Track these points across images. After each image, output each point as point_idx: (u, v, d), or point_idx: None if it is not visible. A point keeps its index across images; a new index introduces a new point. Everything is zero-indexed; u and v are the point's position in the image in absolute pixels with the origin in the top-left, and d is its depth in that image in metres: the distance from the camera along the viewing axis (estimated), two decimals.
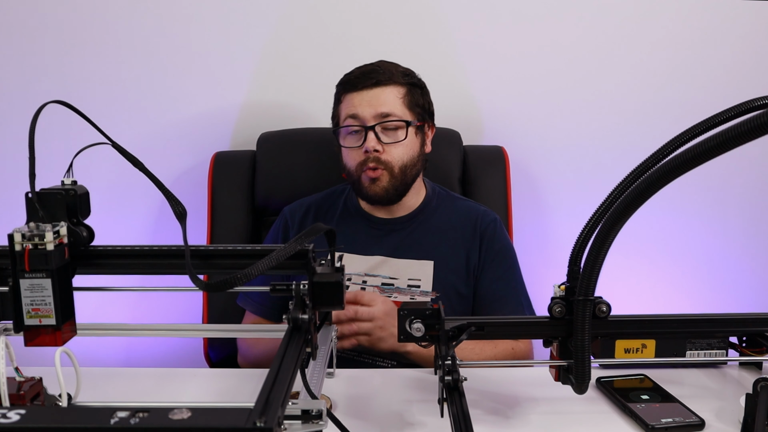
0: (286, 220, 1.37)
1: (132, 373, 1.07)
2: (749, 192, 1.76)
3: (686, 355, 1.05)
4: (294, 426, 0.60)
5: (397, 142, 1.26)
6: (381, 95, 1.26)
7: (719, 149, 0.51)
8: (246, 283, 0.59)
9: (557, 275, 0.83)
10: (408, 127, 1.27)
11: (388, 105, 1.25)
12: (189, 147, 1.66)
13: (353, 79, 1.28)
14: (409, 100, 1.28)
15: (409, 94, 1.28)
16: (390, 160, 1.26)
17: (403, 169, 1.27)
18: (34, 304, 0.65)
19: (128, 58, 1.61)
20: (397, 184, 1.28)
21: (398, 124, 1.26)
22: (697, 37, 1.67)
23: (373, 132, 1.25)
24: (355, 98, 1.26)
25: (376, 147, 1.24)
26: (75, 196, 0.69)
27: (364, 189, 1.28)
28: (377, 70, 1.28)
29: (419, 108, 1.30)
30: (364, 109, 1.25)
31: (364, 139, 1.25)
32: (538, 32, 1.65)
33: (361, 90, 1.26)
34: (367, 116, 1.25)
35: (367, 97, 1.26)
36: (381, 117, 1.25)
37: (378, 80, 1.26)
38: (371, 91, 1.26)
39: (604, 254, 0.69)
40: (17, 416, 0.45)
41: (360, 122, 1.26)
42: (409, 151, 1.28)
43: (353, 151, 1.28)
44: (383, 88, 1.26)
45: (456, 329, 0.83)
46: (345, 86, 1.30)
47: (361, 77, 1.27)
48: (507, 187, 1.53)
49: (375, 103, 1.25)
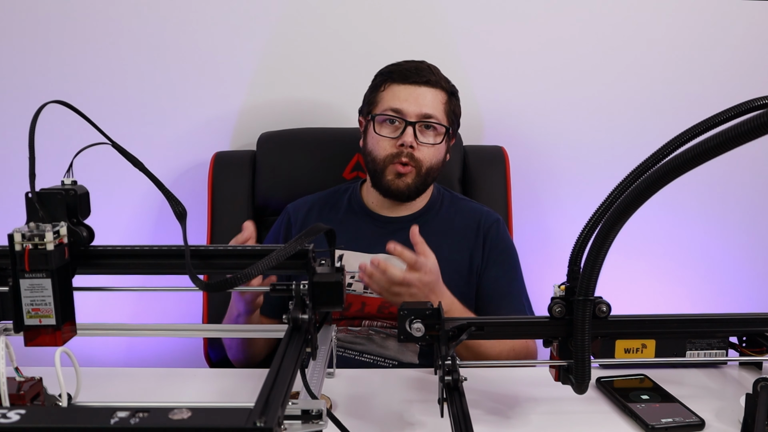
0: (289, 217, 1.38)
1: (132, 373, 1.07)
2: (749, 192, 1.76)
3: (686, 355, 1.05)
4: (294, 426, 0.60)
5: (433, 144, 1.28)
6: (428, 95, 1.28)
7: (719, 149, 0.51)
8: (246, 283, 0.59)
9: (557, 275, 0.83)
10: (446, 133, 1.29)
11: (432, 107, 1.27)
12: (189, 147, 1.66)
13: (404, 72, 1.29)
14: (448, 108, 1.31)
15: (449, 102, 1.31)
16: (421, 159, 1.28)
17: (429, 171, 1.29)
18: (34, 304, 0.65)
19: (128, 59, 1.61)
20: (419, 184, 1.29)
21: (438, 127, 1.28)
22: (697, 36, 1.67)
23: (413, 128, 1.26)
24: (402, 91, 1.28)
25: (413, 143, 1.26)
26: (75, 196, 0.69)
27: (386, 181, 1.29)
28: (429, 70, 1.30)
29: (454, 117, 1.33)
30: (409, 104, 1.26)
31: (401, 132, 1.26)
32: (538, 32, 1.65)
33: (410, 84, 1.28)
34: (411, 112, 1.26)
35: (414, 94, 1.27)
36: (424, 117, 1.27)
37: (428, 80, 1.28)
38: (420, 88, 1.27)
39: (604, 254, 0.69)
40: (17, 416, 0.45)
41: (402, 116, 1.27)
42: (438, 155, 1.30)
43: (385, 141, 1.28)
44: (431, 89, 1.28)
45: (456, 329, 0.83)
46: (393, 76, 1.30)
47: (413, 72, 1.28)
48: (507, 187, 1.53)
49: (421, 102, 1.27)
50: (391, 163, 1.28)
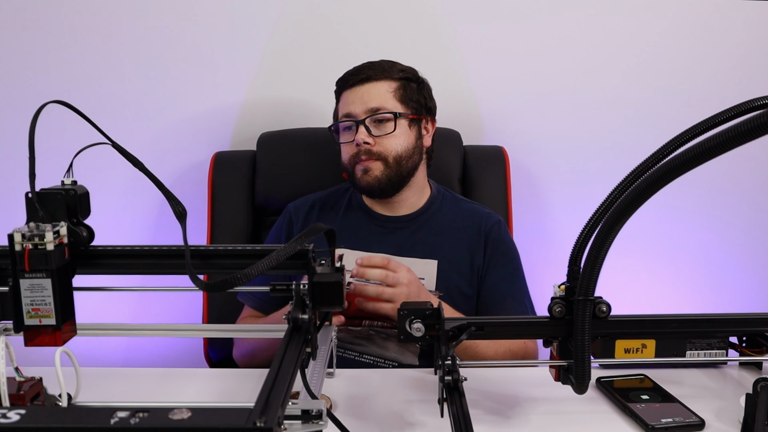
0: (290, 216, 1.38)
1: (132, 373, 1.07)
2: (749, 192, 1.76)
3: (686, 355, 1.05)
4: (294, 426, 0.60)
5: (388, 134, 1.28)
6: (371, 90, 1.29)
7: (719, 149, 0.51)
8: (246, 283, 0.59)
9: (557, 275, 0.83)
10: (397, 119, 1.29)
11: (378, 99, 1.28)
12: (189, 147, 1.66)
13: (346, 77, 1.33)
14: (402, 94, 1.31)
15: (402, 89, 1.31)
16: (382, 151, 1.28)
17: (398, 159, 1.29)
18: (34, 304, 0.65)
19: (128, 58, 1.61)
20: (392, 175, 1.29)
21: (387, 116, 1.29)
22: (697, 36, 1.67)
23: (364, 125, 1.28)
24: (349, 96, 1.31)
25: (366, 140, 1.27)
26: (75, 196, 0.69)
27: (357, 180, 1.31)
28: (370, 67, 1.31)
29: (413, 102, 1.32)
30: (356, 105, 1.29)
31: (356, 133, 1.28)
32: (538, 32, 1.65)
33: (353, 87, 1.31)
34: (359, 111, 1.28)
35: (359, 94, 1.29)
36: (371, 111, 1.28)
37: (368, 76, 1.30)
38: (362, 87, 1.30)
39: (604, 254, 0.69)
40: (17, 416, 0.45)
41: (352, 118, 1.29)
42: (402, 142, 1.30)
43: (347, 146, 1.31)
44: (373, 83, 1.30)
45: (456, 329, 0.83)
46: (339, 85, 1.35)
47: (353, 74, 1.31)
48: (507, 187, 1.53)
49: (366, 99, 1.29)
50: (355, 163, 1.29)
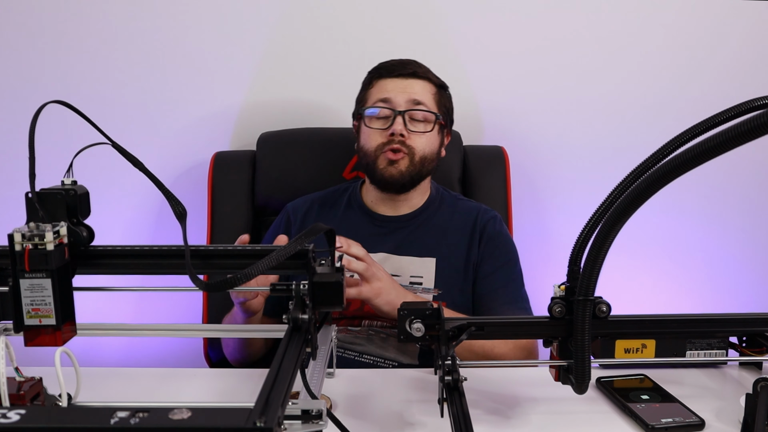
0: (289, 215, 1.38)
1: (132, 373, 1.07)
2: (749, 192, 1.76)
3: (686, 355, 1.05)
4: (294, 426, 0.60)
5: (423, 132, 1.28)
6: (415, 85, 1.29)
7: (719, 149, 0.51)
8: (246, 283, 0.59)
9: (557, 275, 0.83)
10: (436, 121, 1.29)
11: (421, 95, 1.29)
12: (189, 147, 1.66)
13: (390, 66, 1.32)
14: (438, 99, 1.32)
15: (439, 94, 1.32)
16: (413, 146, 1.28)
17: (423, 159, 1.29)
18: (34, 304, 0.65)
19: (128, 58, 1.61)
20: (414, 172, 1.29)
21: (427, 115, 1.29)
22: (697, 37, 1.67)
23: (402, 117, 1.27)
24: (389, 84, 1.30)
25: (403, 131, 1.26)
26: (75, 196, 0.69)
27: (379, 170, 1.29)
28: (415, 63, 1.32)
29: (445, 109, 1.34)
30: (397, 94, 1.28)
31: (391, 123, 1.27)
32: (538, 32, 1.65)
33: (397, 77, 1.30)
34: (400, 101, 1.27)
35: (402, 85, 1.29)
36: (413, 104, 1.28)
37: (415, 71, 1.30)
38: (407, 80, 1.29)
39: (604, 254, 0.69)
40: (17, 416, 0.45)
41: (391, 106, 1.28)
42: (430, 144, 1.30)
43: (376, 133, 1.29)
44: (418, 80, 1.30)
45: (456, 329, 0.83)
46: (380, 72, 1.33)
47: (399, 66, 1.31)
48: (507, 187, 1.53)
49: (409, 91, 1.28)
50: (382, 151, 1.28)
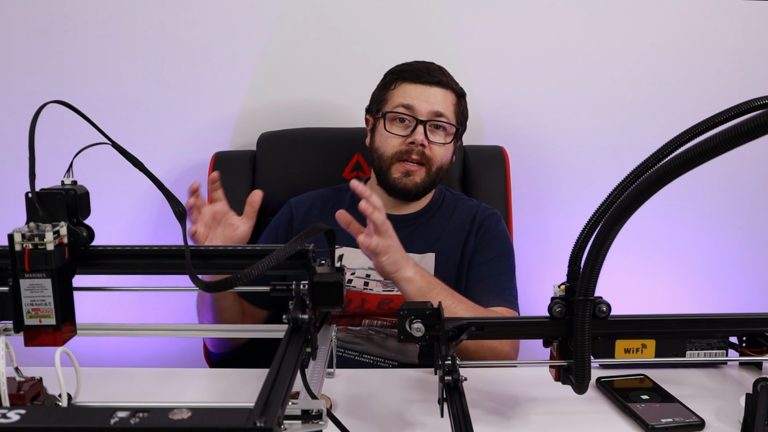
0: (291, 210, 1.37)
1: (132, 373, 1.07)
2: (749, 192, 1.76)
3: (686, 355, 1.05)
4: (294, 426, 0.60)
5: (443, 143, 1.28)
6: (439, 95, 1.28)
7: (719, 149, 0.51)
8: (246, 283, 0.59)
9: (557, 275, 0.83)
10: (456, 133, 1.30)
11: (443, 106, 1.28)
12: (189, 147, 1.66)
13: (415, 71, 1.30)
14: (457, 110, 1.31)
15: (458, 104, 1.32)
16: (432, 158, 1.28)
17: (439, 170, 1.30)
18: (34, 304, 0.65)
19: (128, 58, 1.61)
20: (428, 183, 1.30)
21: (448, 126, 1.29)
22: (697, 37, 1.67)
23: (423, 127, 1.26)
24: (414, 90, 1.28)
25: (423, 141, 1.26)
26: (75, 196, 0.69)
27: (393, 179, 1.29)
28: (441, 71, 1.31)
29: (462, 119, 1.34)
30: (420, 102, 1.27)
31: (412, 130, 1.26)
32: (538, 32, 1.65)
33: (421, 84, 1.29)
34: (423, 111, 1.27)
35: (426, 93, 1.28)
36: (435, 115, 1.27)
37: (440, 80, 1.29)
38: (431, 88, 1.28)
39: (604, 254, 0.69)
40: (17, 416, 0.45)
41: (413, 114, 1.27)
42: (447, 155, 1.31)
43: (395, 138, 1.28)
44: (442, 89, 1.29)
45: (456, 329, 0.83)
46: (404, 75, 1.31)
47: (424, 72, 1.29)
48: (507, 187, 1.53)
49: (433, 101, 1.27)
50: (398, 160, 1.28)
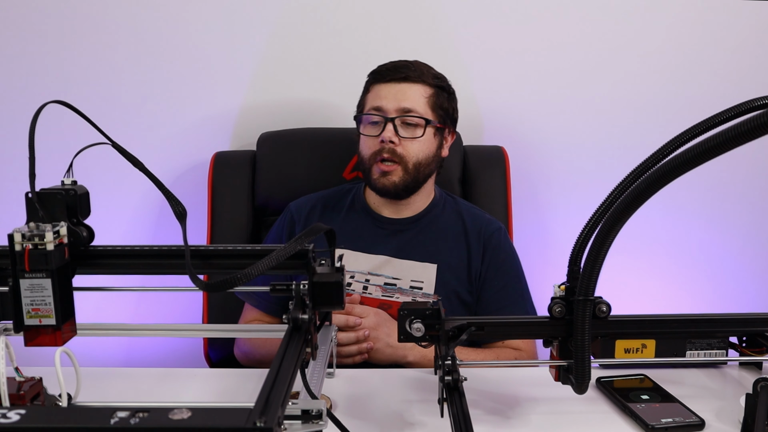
0: (292, 215, 1.37)
1: (132, 373, 1.07)
2: (749, 192, 1.76)
3: (686, 355, 1.05)
4: (294, 426, 0.60)
5: (414, 138, 1.28)
6: (407, 91, 1.28)
7: (719, 149, 0.51)
8: (246, 283, 0.59)
9: (557, 275, 0.83)
10: (427, 126, 1.28)
11: (412, 101, 1.28)
12: (189, 147, 1.66)
13: (383, 71, 1.31)
14: (434, 102, 1.30)
15: (435, 96, 1.31)
16: (405, 155, 1.27)
17: (417, 166, 1.29)
18: (34, 304, 0.65)
19: (128, 58, 1.61)
20: (408, 180, 1.29)
21: (418, 120, 1.28)
22: (698, 36, 1.67)
23: (392, 124, 1.26)
24: (382, 90, 1.29)
25: (392, 138, 1.26)
26: (75, 196, 0.69)
27: (373, 180, 1.30)
28: (409, 67, 1.30)
29: (442, 111, 1.32)
30: (388, 101, 1.27)
31: (382, 130, 1.27)
32: (538, 32, 1.65)
33: (389, 82, 1.29)
34: (390, 108, 1.27)
35: (393, 90, 1.28)
36: (402, 111, 1.27)
37: (407, 76, 1.29)
38: (398, 85, 1.28)
39: (604, 254, 0.69)
40: (17, 416, 0.45)
41: (382, 113, 1.28)
42: (425, 149, 1.29)
43: (370, 140, 1.30)
44: (410, 84, 1.29)
45: (456, 329, 0.83)
46: (374, 76, 1.32)
47: (392, 70, 1.30)
48: (507, 187, 1.53)
49: (400, 97, 1.27)
50: (374, 162, 1.28)
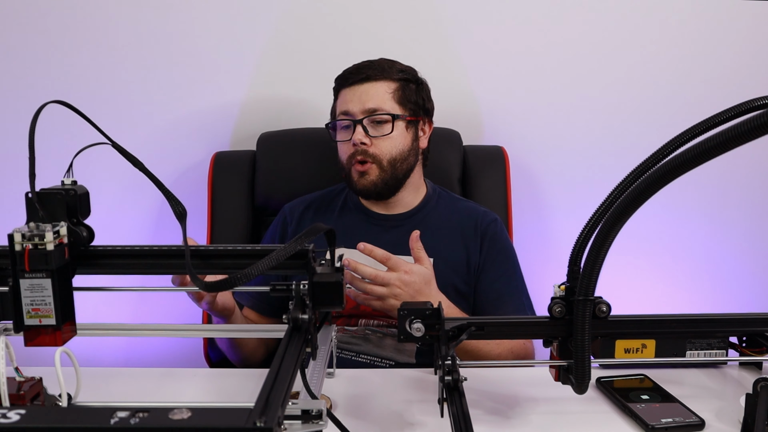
0: (285, 216, 1.38)
1: (132, 373, 1.07)
2: (749, 192, 1.76)
3: (686, 355, 1.05)
4: (294, 426, 0.60)
5: (384, 135, 1.28)
6: (370, 90, 1.28)
7: (719, 149, 0.51)
8: (246, 283, 0.59)
9: (557, 275, 0.83)
10: (394, 121, 1.28)
11: (376, 100, 1.28)
12: (189, 147, 1.66)
13: (346, 75, 1.32)
14: (400, 96, 1.30)
15: (401, 90, 1.30)
16: (378, 153, 1.28)
17: (392, 162, 1.29)
18: (34, 304, 0.65)
19: (128, 58, 1.61)
20: (387, 178, 1.29)
21: (385, 117, 1.28)
22: (697, 37, 1.67)
23: (361, 125, 1.27)
24: (347, 94, 1.30)
25: (363, 140, 1.27)
26: (75, 196, 0.69)
27: (354, 182, 1.31)
28: (370, 66, 1.30)
29: (411, 104, 1.32)
30: (354, 104, 1.28)
31: (353, 132, 1.27)
32: (538, 32, 1.65)
33: (352, 85, 1.30)
34: (356, 111, 1.28)
35: (357, 93, 1.29)
36: (368, 112, 1.28)
37: (368, 75, 1.29)
38: (361, 86, 1.29)
39: (604, 254, 0.69)
40: (17, 416, 0.45)
41: (350, 117, 1.29)
42: (398, 144, 1.29)
43: (344, 145, 1.31)
44: (373, 83, 1.29)
45: (456, 329, 0.83)
46: (339, 82, 1.33)
47: (353, 73, 1.31)
48: (507, 187, 1.53)
49: (364, 98, 1.28)
50: (351, 165, 1.29)
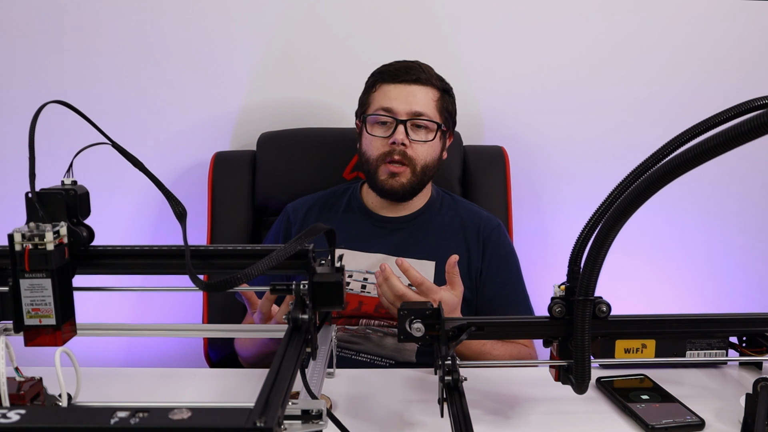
0: (288, 216, 1.38)
1: (132, 373, 1.07)
2: (749, 192, 1.76)
3: (686, 355, 1.05)
4: (294, 426, 0.60)
5: (425, 141, 1.28)
6: (418, 93, 1.28)
7: (719, 149, 0.51)
8: (246, 283, 0.59)
9: (557, 275, 0.83)
10: (438, 130, 1.29)
11: (423, 104, 1.27)
12: (189, 147, 1.66)
13: (393, 71, 1.30)
14: (441, 105, 1.30)
15: (441, 99, 1.31)
16: (414, 157, 1.27)
17: (424, 168, 1.29)
18: (34, 304, 0.65)
19: (129, 58, 1.61)
20: (415, 183, 1.29)
21: (429, 124, 1.28)
22: (697, 37, 1.67)
23: (404, 126, 1.26)
24: (392, 90, 1.28)
25: (404, 141, 1.26)
26: (75, 196, 0.69)
27: (380, 181, 1.29)
28: (420, 69, 1.30)
29: (447, 114, 1.32)
30: (399, 103, 1.27)
31: (393, 131, 1.26)
32: (538, 32, 1.65)
33: (400, 83, 1.28)
34: (401, 110, 1.26)
35: (404, 92, 1.27)
36: (414, 114, 1.27)
37: (418, 78, 1.28)
38: (409, 87, 1.28)
39: (604, 254, 0.69)
40: (17, 416, 0.45)
41: (393, 114, 1.27)
42: (431, 152, 1.30)
43: (378, 141, 1.29)
44: (421, 87, 1.28)
45: (456, 329, 0.83)
46: (383, 76, 1.31)
47: (402, 71, 1.29)
48: (507, 187, 1.53)
49: (411, 100, 1.27)
50: (383, 162, 1.28)
